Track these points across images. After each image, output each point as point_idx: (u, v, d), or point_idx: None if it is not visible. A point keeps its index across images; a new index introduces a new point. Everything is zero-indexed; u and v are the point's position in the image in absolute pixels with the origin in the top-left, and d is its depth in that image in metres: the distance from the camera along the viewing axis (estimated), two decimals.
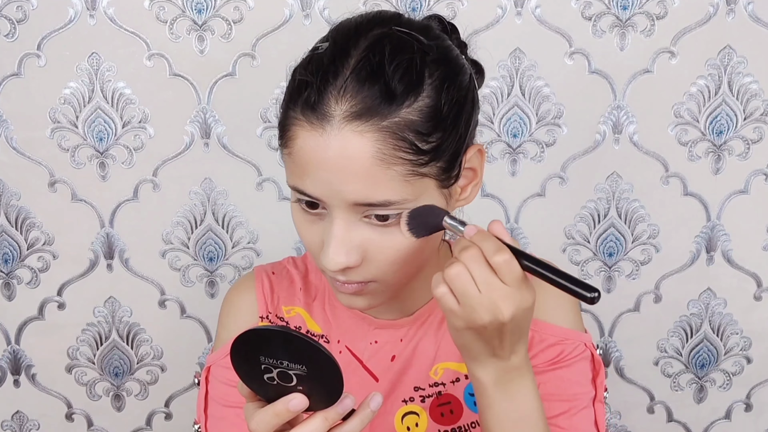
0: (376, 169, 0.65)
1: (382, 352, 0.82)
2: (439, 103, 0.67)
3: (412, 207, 0.67)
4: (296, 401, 0.61)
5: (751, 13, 1.05)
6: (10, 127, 1.07)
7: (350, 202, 0.66)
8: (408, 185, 0.67)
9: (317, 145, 0.65)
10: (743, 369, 1.19)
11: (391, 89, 0.65)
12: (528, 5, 1.04)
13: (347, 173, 0.65)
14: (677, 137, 1.09)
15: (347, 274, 0.70)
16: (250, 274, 0.89)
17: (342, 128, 0.65)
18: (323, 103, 0.65)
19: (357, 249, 0.68)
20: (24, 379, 1.17)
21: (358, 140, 0.64)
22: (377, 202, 0.66)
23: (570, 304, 0.84)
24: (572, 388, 0.80)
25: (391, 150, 0.65)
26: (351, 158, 0.65)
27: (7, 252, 1.12)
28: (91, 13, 1.04)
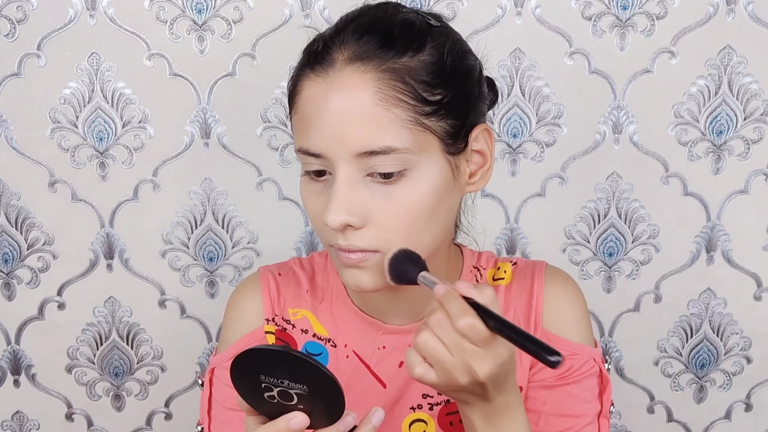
0: (376, 110, 0.66)
1: (390, 358, 0.81)
2: (443, 62, 0.69)
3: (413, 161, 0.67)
4: (297, 420, 0.61)
5: (751, 13, 1.05)
6: (10, 127, 1.07)
7: (352, 152, 0.66)
8: (410, 134, 0.67)
9: (320, 89, 0.67)
10: (743, 369, 1.19)
11: (392, 37, 0.68)
12: (528, 5, 1.04)
13: (349, 116, 0.66)
14: (677, 137, 1.09)
15: (349, 238, 0.68)
16: (255, 275, 0.88)
17: (343, 70, 0.67)
18: (327, 52, 0.68)
19: (359, 208, 0.68)
20: (24, 379, 1.17)
21: (359, 79, 0.66)
22: (379, 148, 0.66)
23: (582, 318, 0.83)
24: (579, 405, 0.80)
25: (392, 91, 0.66)
26: (352, 98, 0.66)
27: (7, 252, 1.12)
28: (91, 13, 1.04)
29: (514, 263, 0.86)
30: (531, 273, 0.84)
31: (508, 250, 1.13)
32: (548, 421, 0.79)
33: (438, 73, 0.69)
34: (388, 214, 0.68)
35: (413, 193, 0.68)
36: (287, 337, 0.84)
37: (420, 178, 0.68)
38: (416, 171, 0.68)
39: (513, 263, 0.86)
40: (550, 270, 0.85)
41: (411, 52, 0.68)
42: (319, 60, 0.68)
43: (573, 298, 0.83)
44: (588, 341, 0.82)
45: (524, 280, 0.84)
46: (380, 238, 0.69)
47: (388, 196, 0.68)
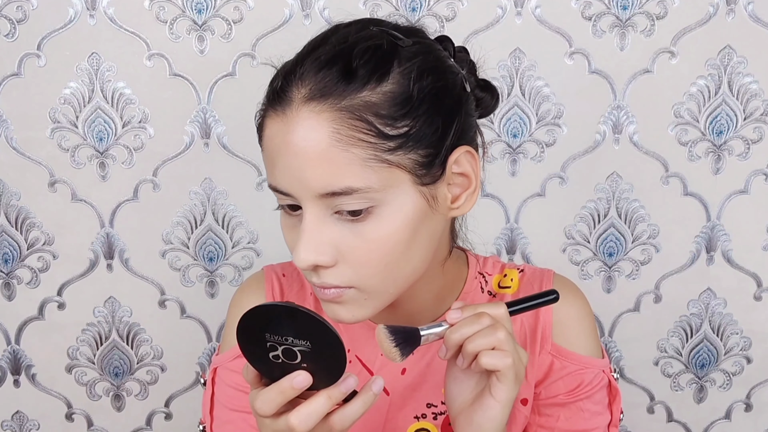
0: (334, 151, 0.64)
1: (393, 365, 0.80)
2: (409, 90, 0.66)
3: (380, 198, 0.65)
4: (300, 378, 0.61)
5: (751, 13, 1.05)
6: (10, 127, 1.07)
7: (314, 192, 0.65)
8: (371, 171, 0.64)
9: (279, 130, 0.66)
10: (743, 369, 1.19)
11: (351, 70, 0.65)
12: (528, 5, 1.04)
13: (307, 157, 0.64)
14: (677, 137, 1.09)
15: (321, 276, 0.67)
16: (259, 273, 0.87)
17: (300, 110, 0.64)
18: (285, 89, 0.66)
19: (329, 246, 0.66)
20: (24, 379, 1.17)
21: (315, 120, 0.64)
22: (339, 189, 0.64)
23: (590, 330, 0.82)
24: (592, 419, 0.79)
25: (348, 131, 0.64)
26: (308, 140, 0.64)
27: (7, 252, 1.12)
28: (91, 13, 1.04)
29: (521, 270, 0.85)
30: (539, 283, 0.83)
31: (508, 250, 1.13)
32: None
33: (403, 104, 0.65)
34: (358, 251, 0.66)
35: (382, 229, 0.66)
36: None
37: (389, 214, 0.66)
38: (384, 207, 0.66)
39: (520, 270, 0.85)
40: (559, 280, 0.84)
41: (372, 83, 0.64)
42: (278, 98, 0.66)
43: (581, 311, 0.82)
44: (596, 353, 0.82)
45: (532, 290, 0.82)
46: (353, 275, 0.67)
47: (357, 233, 0.66)
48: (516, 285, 0.84)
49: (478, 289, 0.83)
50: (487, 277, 0.84)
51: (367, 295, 0.69)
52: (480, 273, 0.84)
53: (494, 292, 0.83)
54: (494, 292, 0.83)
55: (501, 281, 0.84)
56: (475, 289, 0.83)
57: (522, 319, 0.81)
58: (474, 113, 0.74)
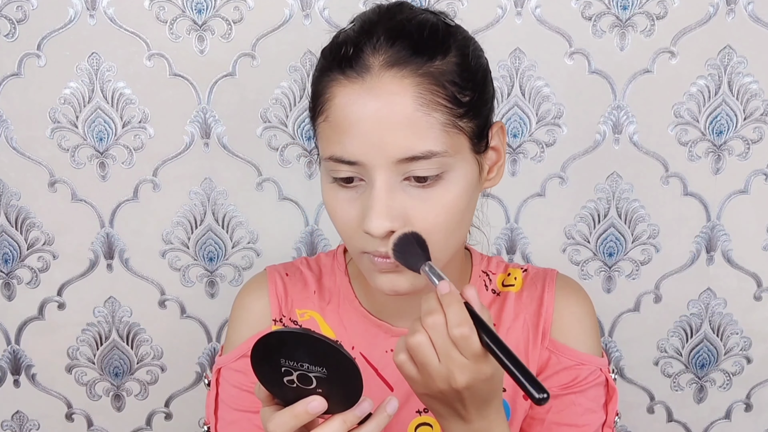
0: (417, 115, 0.65)
1: None
2: (468, 63, 0.70)
3: (451, 163, 0.67)
4: (315, 403, 0.61)
5: (751, 13, 1.05)
6: (10, 127, 1.07)
7: (393, 158, 0.66)
8: (447, 137, 0.67)
9: (358, 96, 0.66)
10: (743, 369, 1.19)
11: (423, 43, 0.68)
12: (528, 5, 1.04)
13: (389, 122, 0.65)
14: (677, 137, 1.09)
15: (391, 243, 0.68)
16: (261, 274, 0.88)
17: (381, 76, 0.66)
18: (360, 56, 0.67)
19: (400, 213, 0.67)
20: (24, 379, 1.17)
21: (399, 85, 0.66)
22: (420, 154, 0.66)
23: (591, 329, 0.83)
24: (584, 415, 0.80)
25: (431, 95, 0.66)
26: (393, 104, 0.65)
27: (7, 252, 1.12)
28: (91, 13, 1.04)
29: (524, 270, 0.86)
30: (542, 281, 0.84)
31: (508, 250, 1.13)
32: (551, 429, 0.79)
33: (466, 75, 0.69)
34: (426, 216, 0.68)
35: (450, 194, 0.68)
36: None
37: (456, 179, 0.69)
38: (452, 172, 0.68)
39: (524, 270, 0.86)
40: (561, 279, 0.85)
41: (441, 55, 0.68)
42: (351, 65, 0.67)
43: (583, 309, 0.83)
44: (595, 352, 0.82)
45: (535, 289, 0.84)
46: None
47: (425, 199, 0.68)
48: (519, 284, 0.85)
49: (482, 287, 0.84)
50: (491, 275, 0.85)
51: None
52: (484, 271, 0.85)
53: (498, 290, 0.84)
54: (498, 291, 0.84)
55: (505, 280, 0.85)
56: (479, 286, 0.84)
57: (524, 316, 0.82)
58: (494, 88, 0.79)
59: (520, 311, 0.83)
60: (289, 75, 1.05)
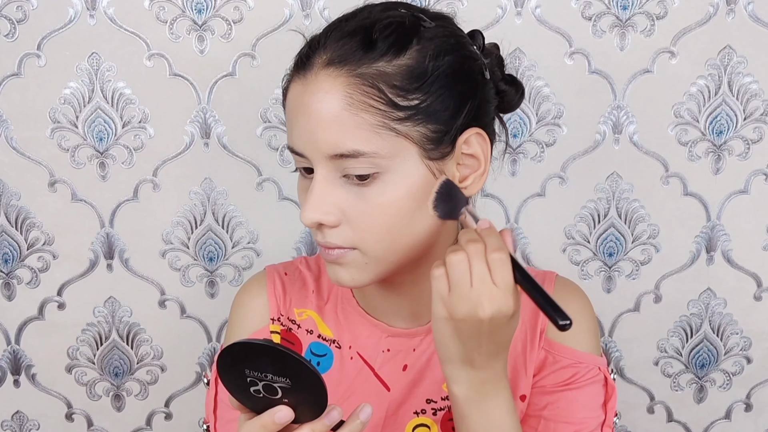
0: (345, 115, 0.67)
1: (394, 361, 0.81)
2: (424, 67, 0.69)
3: (386, 165, 0.68)
4: (282, 413, 0.62)
5: (751, 13, 1.05)
6: (10, 127, 1.07)
7: (324, 153, 0.68)
8: (379, 138, 0.67)
9: (299, 92, 0.70)
10: (743, 369, 1.19)
11: (371, 41, 0.68)
12: (528, 5, 1.04)
13: (319, 119, 0.68)
14: (677, 137, 1.09)
15: (326, 235, 0.70)
16: (261, 273, 0.88)
17: (318, 73, 0.69)
18: (309, 55, 0.70)
19: (334, 207, 0.69)
20: (24, 379, 1.17)
21: (331, 84, 0.68)
22: (347, 152, 0.67)
23: (590, 329, 0.83)
24: (581, 412, 0.79)
25: (360, 96, 0.67)
26: (323, 101, 0.68)
27: (7, 252, 1.12)
28: (91, 13, 1.04)
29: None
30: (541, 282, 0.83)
31: None
32: (548, 426, 0.79)
33: (416, 78, 0.68)
34: (362, 214, 0.69)
35: (386, 195, 0.69)
36: (293, 337, 0.84)
37: (394, 182, 0.69)
38: (389, 174, 0.68)
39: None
40: (561, 281, 0.85)
41: (389, 56, 0.68)
42: (301, 63, 0.71)
43: (582, 309, 0.83)
44: (594, 351, 0.82)
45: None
46: (356, 237, 0.70)
47: (362, 197, 0.69)
48: None
49: None
50: None
51: (368, 260, 0.71)
52: None
53: None
54: None
55: None
56: None
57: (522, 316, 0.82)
58: (493, 100, 0.76)
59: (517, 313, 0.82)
60: None
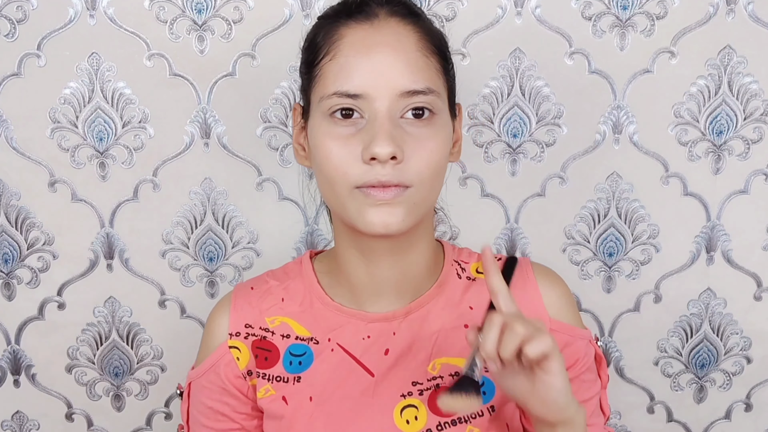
0: (419, 56, 0.75)
1: (376, 347, 0.83)
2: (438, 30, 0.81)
3: (440, 108, 0.76)
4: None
5: (751, 13, 1.05)
6: (10, 127, 1.07)
7: (397, 90, 0.73)
8: (440, 81, 0.77)
9: (367, 35, 0.75)
10: (743, 369, 1.19)
11: (414, 7, 0.80)
12: (528, 5, 1.04)
13: (395, 58, 0.74)
14: (677, 137, 1.09)
15: (389, 171, 0.72)
16: (228, 294, 0.91)
17: (388, 20, 0.76)
18: (367, 6, 0.77)
19: (400, 143, 0.73)
20: (24, 379, 1.17)
21: (404, 30, 0.76)
22: (422, 88, 0.74)
23: (573, 305, 0.87)
24: (591, 388, 0.85)
25: (428, 43, 0.77)
26: (399, 42, 0.74)
27: (7, 252, 1.12)
28: (91, 13, 1.04)
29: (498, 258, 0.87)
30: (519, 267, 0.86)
31: (508, 250, 1.13)
32: None
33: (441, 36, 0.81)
34: (419, 152, 0.74)
35: (436, 138, 0.75)
36: (268, 344, 0.85)
37: (441, 126, 0.76)
38: (439, 118, 0.76)
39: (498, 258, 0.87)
40: (536, 265, 0.89)
41: (424, 17, 0.79)
42: (360, 11, 0.76)
43: (564, 289, 0.88)
44: (581, 325, 0.87)
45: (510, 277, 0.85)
46: (414, 175, 0.74)
47: (417, 137, 0.74)
48: None
49: (454, 276, 0.87)
50: (464, 264, 0.88)
51: (417, 200, 0.75)
52: (456, 261, 0.88)
53: (473, 277, 0.87)
54: (473, 277, 0.87)
55: (479, 268, 0.88)
56: (452, 276, 0.87)
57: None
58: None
59: None
60: (289, 75, 1.05)
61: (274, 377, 0.84)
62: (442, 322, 0.83)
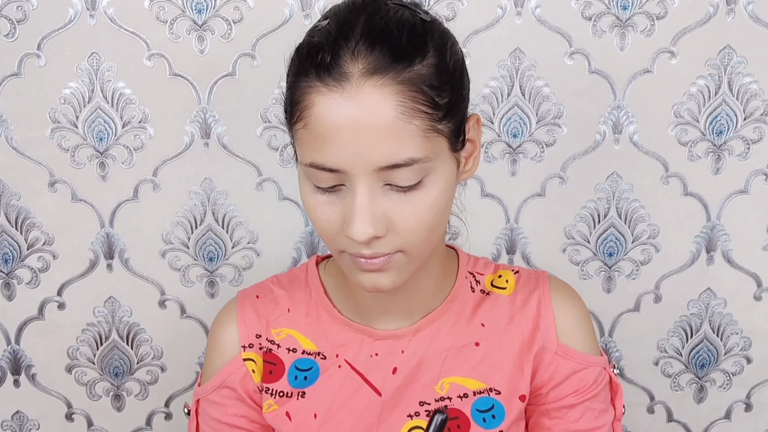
0: (398, 124, 0.64)
1: (383, 365, 0.81)
2: (446, 63, 0.68)
3: (431, 167, 0.67)
4: None
5: (751, 13, 1.05)
6: (10, 127, 1.07)
7: (374, 166, 0.65)
8: (428, 142, 0.66)
9: (338, 106, 0.64)
10: (743, 369, 1.19)
11: (401, 47, 0.66)
12: (528, 5, 1.04)
13: (371, 132, 0.64)
14: (677, 137, 1.09)
15: (373, 246, 0.68)
16: (232, 301, 0.87)
17: (362, 85, 0.64)
18: (339, 63, 0.65)
19: (382, 218, 0.67)
20: (24, 379, 1.17)
21: (379, 94, 0.64)
22: (402, 161, 0.65)
23: (589, 329, 0.84)
24: (600, 417, 0.81)
25: (411, 103, 0.65)
26: (374, 114, 0.64)
27: (7, 252, 1.12)
28: (91, 13, 1.04)
29: (516, 272, 0.86)
30: (534, 285, 0.84)
31: (508, 250, 1.13)
32: None
33: (443, 76, 0.68)
34: (409, 218, 0.68)
35: (430, 196, 0.68)
36: (274, 358, 0.83)
37: (435, 181, 0.68)
38: (432, 175, 0.68)
39: (515, 272, 0.86)
40: (554, 282, 0.85)
41: (419, 58, 0.66)
42: (330, 72, 0.65)
43: (580, 311, 0.84)
44: (596, 352, 0.83)
45: (528, 292, 0.84)
46: (402, 241, 0.69)
47: (406, 202, 0.67)
48: (512, 286, 0.84)
49: (467, 289, 0.83)
50: (479, 276, 0.84)
51: (410, 259, 0.71)
52: (471, 272, 0.85)
53: (487, 290, 0.83)
54: (487, 291, 0.84)
55: (494, 281, 0.84)
56: (464, 289, 0.83)
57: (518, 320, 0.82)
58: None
59: (514, 315, 0.82)
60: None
61: (278, 392, 0.82)
62: (452, 340, 0.81)
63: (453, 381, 0.80)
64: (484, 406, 0.80)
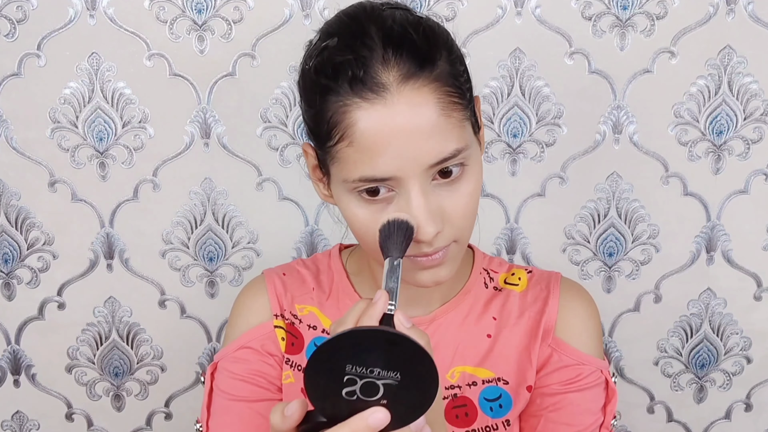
0: (441, 120, 0.66)
1: None
2: (454, 51, 0.71)
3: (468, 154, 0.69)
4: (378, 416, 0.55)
5: (751, 13, 1.05)
6: (10, 127, 1.07)
7: (426, 165, 0.66)
8: (464, 131, 0.69)
9: (383, 117, 0.65)
10: (743, 369, 1.19)
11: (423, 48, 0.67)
12: (528, 5, 1.04)
13: (419, 134, 0.65)
14: (677, 137, 1.09)
15: (435, 242, 0.69)
16: (260, 276, 0.89)
17: (401, 91, 0.65)
18: (372, 75, 0.65)
19: (438, 213, 0.69)
20: (24, 379, 1.17)
21: (419, 96, 0.65)
22: (450, 154, 0.67)
23: (594, 331, 0.84)
24: (582, 415, 0.80)
25: (447, 98, 0.67)
26: (419, 116, 0.65)
27: (7, 252, 1.12)
28: (91, 13, 1.04)
29: (529, 271, 0.87)
30: (547, 282, 0.85)
31: (508, 250, 1.13)
32: (548, 426, 0.80)
33: (459, 64, 0.71)
34: (459, 207, 0.70)
35: (473, 180, 0.70)
36: (295, 331, 0.84)
37: (473, 166, 0.71)
38: (470, 161, 0.70)
39: (528, 271, 0.87)
40: (566, 282, 0.86)
41: (438, 54, 0.68)
42: (366, 85, 0.65)
43: (588, 311, 0.84)
44: (597, 354, 0.83)
45: (540, 290, 0.85)
46: (456, 231, 0.71)
47: (454, 192, 0.69)
48: (524, 284, 0.86)
49: (481, 284, 0.85)
50: (493, 274, 0.87)
51: (460, 247, 0.73)
52: (485, 269, 0.86)
53: (500, 287, 0.86)
54: (500, 287, 0.86)
55: (508, 278, 0.86)
56: (478, 284, 0.85)
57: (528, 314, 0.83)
58: None
59: (524, 310, 0.84)
60: (289, 75, 1.06)
61: (296, 365, 0.83)
62: (465, 331, 0.82)
63: (464, 370, 0.82)
64: (492, 395, 0.82)
